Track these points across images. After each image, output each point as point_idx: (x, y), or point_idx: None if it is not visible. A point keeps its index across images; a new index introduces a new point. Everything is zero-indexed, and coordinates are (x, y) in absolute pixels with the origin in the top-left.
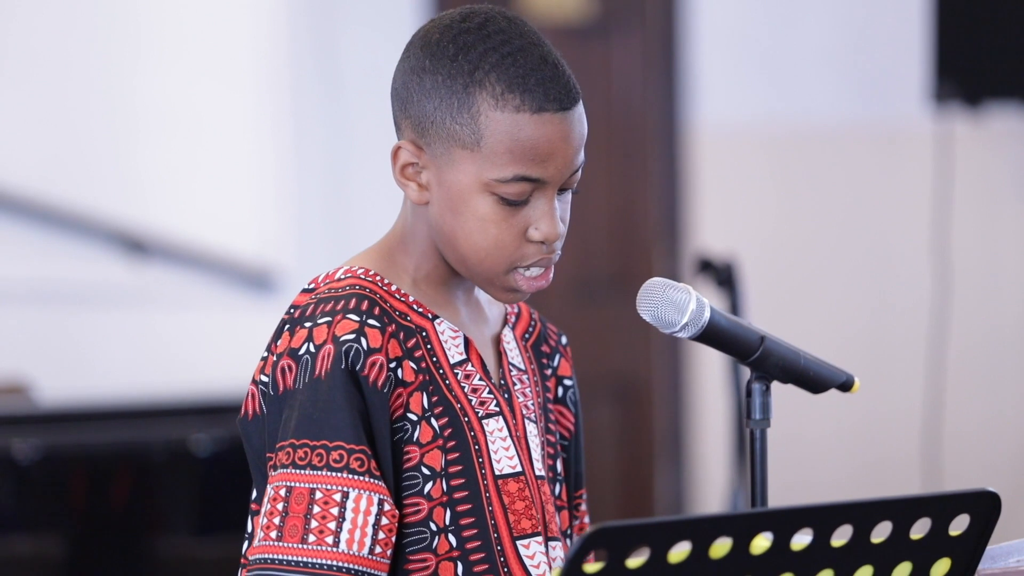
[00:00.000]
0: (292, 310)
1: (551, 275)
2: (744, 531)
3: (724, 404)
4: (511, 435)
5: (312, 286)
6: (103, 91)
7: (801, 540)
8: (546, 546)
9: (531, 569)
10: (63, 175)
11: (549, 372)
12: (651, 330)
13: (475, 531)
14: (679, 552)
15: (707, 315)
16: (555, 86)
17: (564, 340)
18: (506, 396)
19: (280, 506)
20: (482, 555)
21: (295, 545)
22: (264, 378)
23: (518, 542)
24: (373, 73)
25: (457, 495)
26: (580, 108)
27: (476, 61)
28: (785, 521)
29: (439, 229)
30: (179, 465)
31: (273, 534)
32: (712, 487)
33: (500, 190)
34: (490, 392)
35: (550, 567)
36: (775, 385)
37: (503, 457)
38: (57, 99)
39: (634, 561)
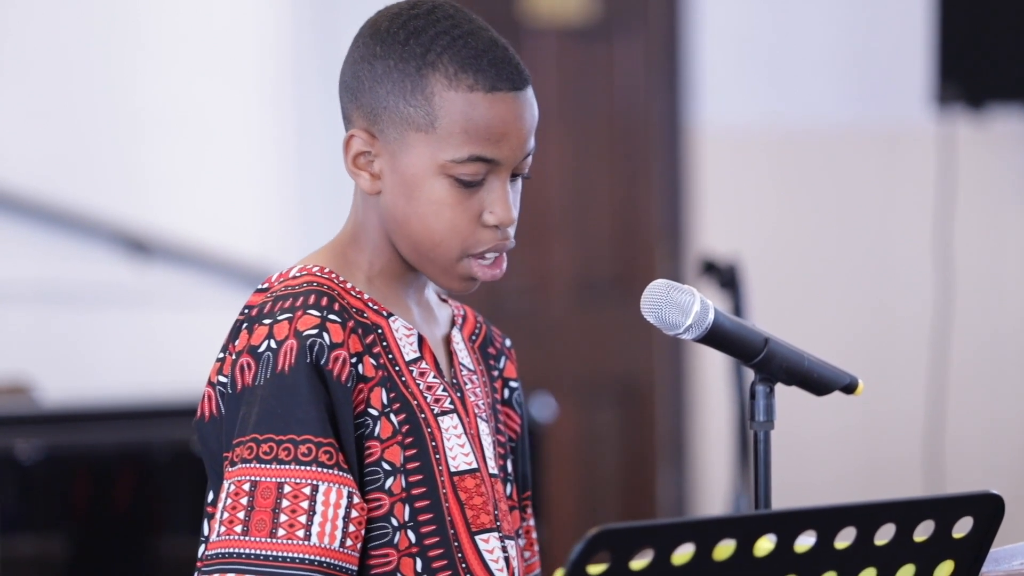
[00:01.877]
0: (248, 309)
1: (504, 264)
2: (748, 533)
3: (726, 406)
4: (466, 432)
5: (266, 285)
6: (106, 91)
7: (805, 542)
8: (502, 543)
9: (490, 564)
10: (66, 175)
11: (496, 374)
12: (654, 331)
13: (433, 527)
14: (683, 554)
15: (711, 317)
16: (507, 66)
17: (508, 343)
18: (459, 394)
19: (244, 500)
20: (440, 551)
21: (263, 539)
22: (222, 379)
23: (476, 537)
24: None
25: (415, 491)
26: (531, 92)
27: (428, 44)
28: (789, 523)
29: (392, 218)
30: (182, 465)
31: (238, 528)
32: (714, 489)
33: (455, 171)
34: (444, 390)
35: (507, 563)
36: (778, 387)
37: (459, 454)
38: (59, 99)
39: (638, 563)
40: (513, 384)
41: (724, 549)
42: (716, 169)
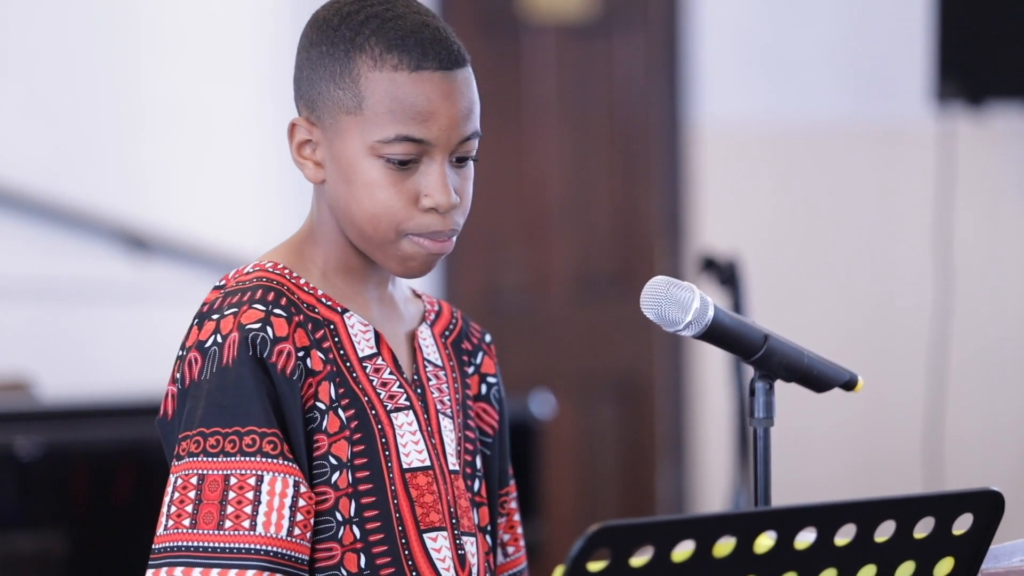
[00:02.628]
0: (202, 306)
1: (451, 244)
2: (748, 530)
3: (726, 402)
4: (421, 429)
5: (222, 283)
6: (106, 89)
7: (805, 539)
8: (459, 540)
9: (437, 562)
10: (66, 172)
11: (471, 369)
12: (653, 328)
13: (378, 523)
14: (683, 551)
15: (711, 313)
16: (434, 46)
17: (488, 338)
18: (419, 391)
19: (192, 494)
20: (384, 547)
21: (211, 532)
22: (178, 375)
23: (425, 535)
24: None
25: (362, 487)
26: (465, 72)
27: (357, 28)
28: (789, 520)
29: (336, 204)
30: None
31: (186, 522)
32: (714, 486)
33: (384, 151)
34: (400, 386)
35: (456, 561)
36: (778, 383)
37: (412, 451)
38: (60, 97)
39: (638, 560)
40: (491, 380)
41: (724, 546)
42: (716, 166)
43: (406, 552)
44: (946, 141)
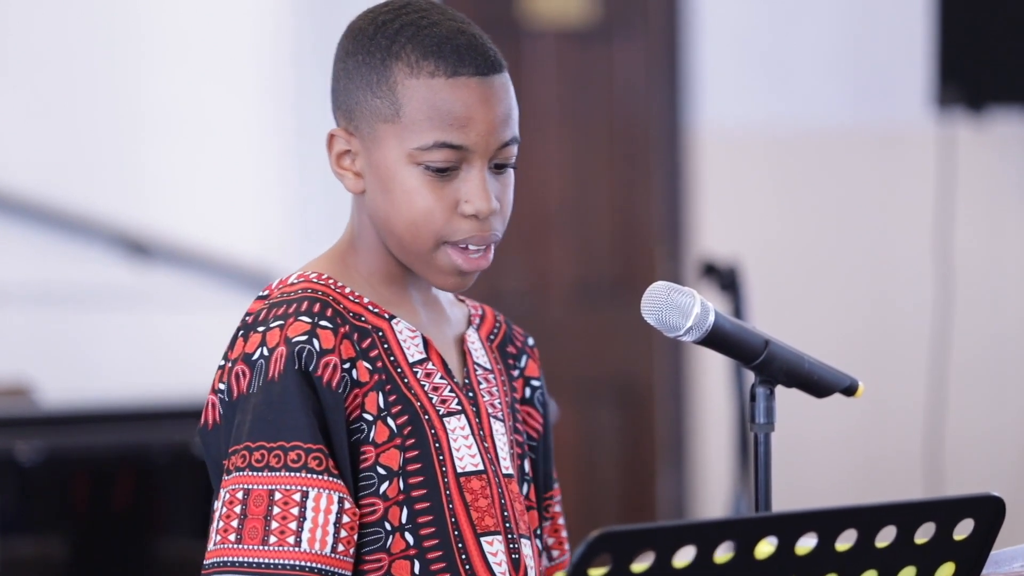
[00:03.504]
0: (247, 317)
1: (491, 256)
2: (749, 536)
3: (726, 408)
4: (473, 434)
5: (266, 292)
6: (106, 94)
7: (806, 544)
8: (516, 544)
9: (494, 566)
10: (66, 177)
11: (516, 373)
12: (653, 333)
13: (433, 529)
14: (684, 557)
15: (711, 319)
16: (470, 52)
17: (531, 341)
18: (470, 395)
19: (238, 509)
20: (439, 553)
21: (255, 547)
22: (221, 385)
23: (482, 539)
24: None
25: (415, 493)
26: (503, 78)
27: (393, 36)
28: (789, 525)
29: (376, 215)
30: (182, 468)
31: (232, 537)
32: (714, 491)
33: (423, 159)
34: (452, 391)
35: (510, 564)
36: (778, 388)
37: (465, 455)
38: (60, 101)
39: (639, 566)
40: (535, 383)
41: (725, 552)
42: (716, 171)
43: (463, 556)
44: (946, 146)
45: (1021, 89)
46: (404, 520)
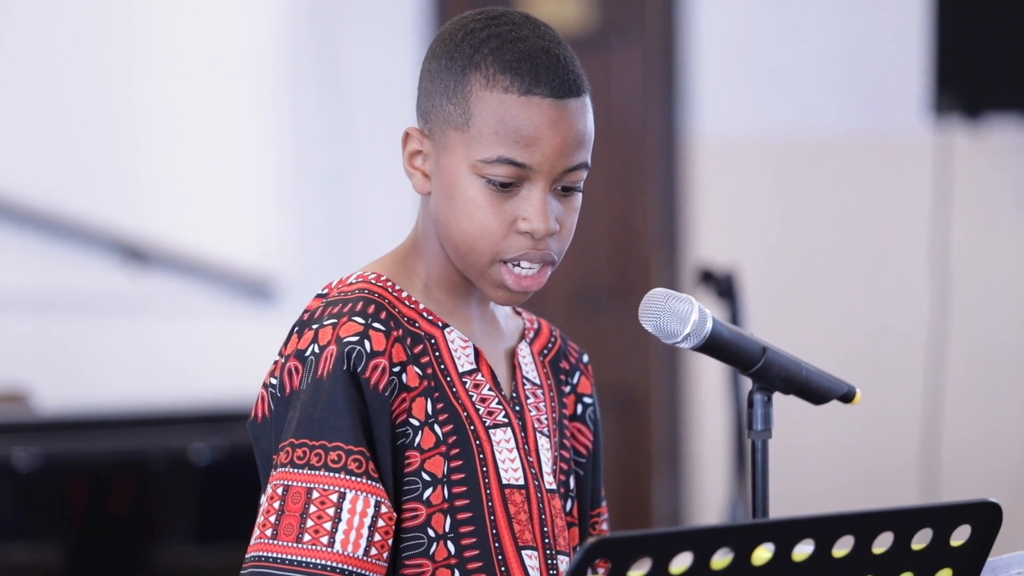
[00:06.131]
0: (303, 314)
1: (545, 277)
2: (746, 542)
3: (723, 414)
4: (518, 447)
5: (325, 291)
6: (103, 100)
7: (803, 551)
8: (553, 560)
9: None
10: (62, 183)
11: (567, 389)
12: (651, 340)
13: (474, 539)
14: (680, 563)
15: (709, 326)
16: (549, 72)
17: (586, 359)
18: (517, 409)
19: (277, 504)
20: (480, 564)
21: (290, 544)
22: (273, 380)
23: (523, 552)
24: (374, 81)
25: (458, 503)
26: (580, 102)
27: (477, 45)
28: (787, 532)
29: (438, 220)
30: (178, 474)
31: (268, 532)
32: (711, 498)
33: (486, 172)
34: (499, 403)
35: None
36: (776, 395)
37: (508, 468)
38: (56, 108)
39: (636, 572)
40: (587, 400)
41: (722, 558)
42: (713, 179)
43: (503, 568)
44: (943, 154)
45: (1017, 97)
46: (447, 528)
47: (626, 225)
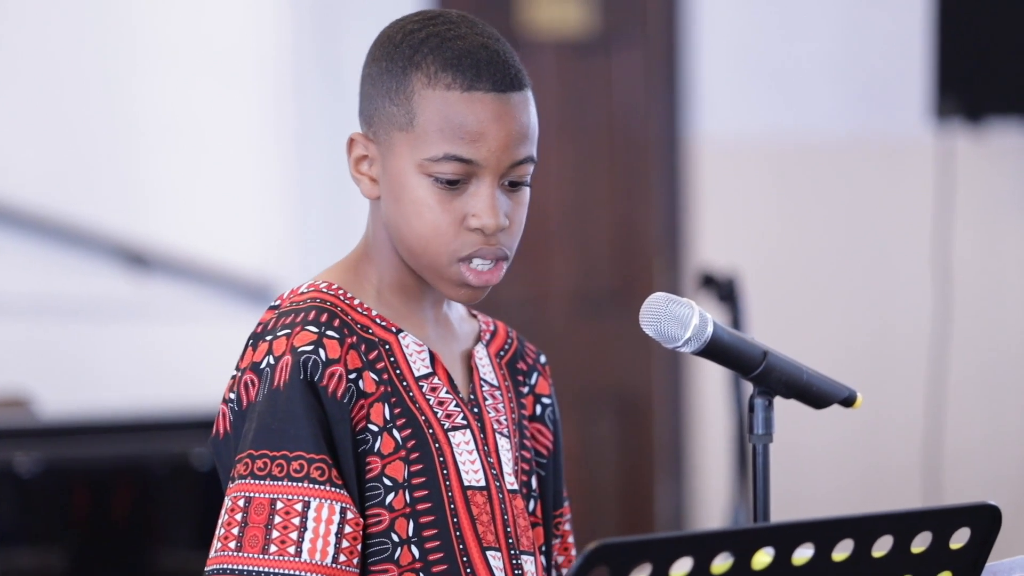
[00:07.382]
0: (257, 326)
1: (502, 271)
2: (746, 546)
3: (724, 418)
4: (478, 449)
5: (277, 302)
6: (105, 105)
7: (803, 555)
8: (517, 560)
9: None
10: (64, 189)
11: (525, 389)
12: (652, 344)
13: (438, 542)
14: (680, 568)
15: (710, 330)
16: (490, 68)
17: (543, 359)
18: (475, 411)
19: (239, 516)
20: (445, 567)
21: (256, 555)
22: (232, 395)
23: (487, 553)
24: None
25: (420, 506)
26: (522, 96)
27: (416, 46)
28: (787, 536)
29: (388, 223)
30: (180, 479)
31: (232, 544)
32: (712, 502)
33: (432, 170)
34: (457, 406)
35: None
36: (777, 399)
37: (469, 470)
38: (58, 113)
39: None
40: (545, 400)
41: (722, 563)
42: (715, 182)
43: (468, 570)
44: (945, 158)
45: (1019, 101)
46: (410, 533)
47: (628, 228)
